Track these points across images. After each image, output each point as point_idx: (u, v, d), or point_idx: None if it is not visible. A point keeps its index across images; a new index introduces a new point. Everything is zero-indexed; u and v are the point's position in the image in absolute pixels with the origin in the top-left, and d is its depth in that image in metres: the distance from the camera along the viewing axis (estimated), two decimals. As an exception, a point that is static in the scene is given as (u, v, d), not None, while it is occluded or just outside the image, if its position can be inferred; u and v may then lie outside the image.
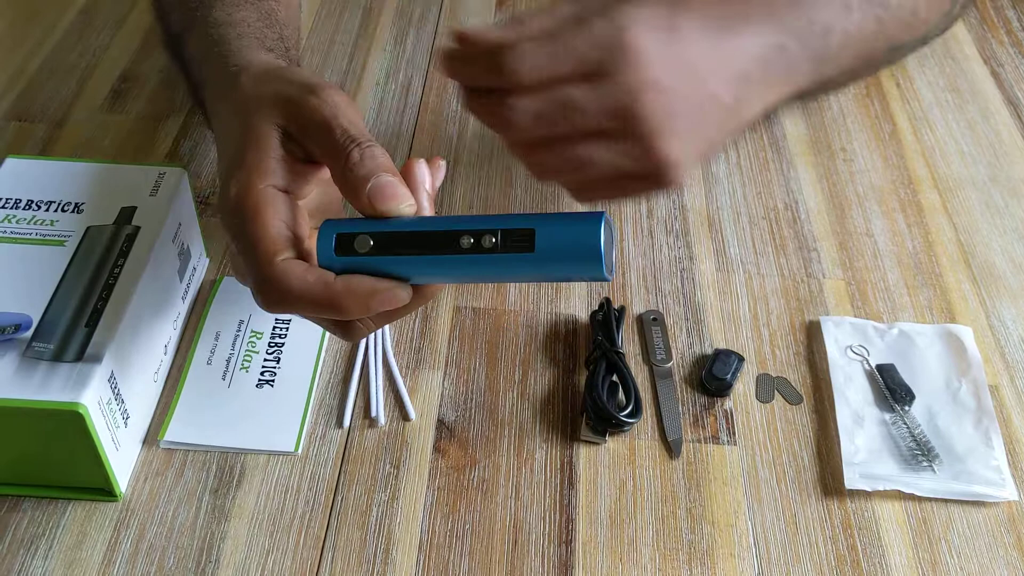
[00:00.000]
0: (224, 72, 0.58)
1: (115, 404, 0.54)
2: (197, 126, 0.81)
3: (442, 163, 0.52)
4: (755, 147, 0.82)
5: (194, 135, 0.81)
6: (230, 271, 0.70)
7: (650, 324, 0.67)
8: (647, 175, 0.51)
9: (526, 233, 0.45)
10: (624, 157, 0.51)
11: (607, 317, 0.65)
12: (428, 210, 0.49)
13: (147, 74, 0.87)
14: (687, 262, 0.72)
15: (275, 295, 0.47)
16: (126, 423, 0.56)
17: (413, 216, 0.48)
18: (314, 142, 0.49)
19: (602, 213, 0.45)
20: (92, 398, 0.51)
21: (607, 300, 0.67)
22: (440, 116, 0.84)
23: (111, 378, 0.54)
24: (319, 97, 0.49)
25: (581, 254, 0.45)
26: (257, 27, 0.63)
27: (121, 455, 0.56)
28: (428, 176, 0.50)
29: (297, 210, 0.50)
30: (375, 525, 0.56)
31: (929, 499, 0.58)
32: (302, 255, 0.48)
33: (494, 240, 0.45)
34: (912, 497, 0.58)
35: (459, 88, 0.53)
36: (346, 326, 0.50)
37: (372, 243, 0.47)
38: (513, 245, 0.45)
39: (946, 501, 0.58)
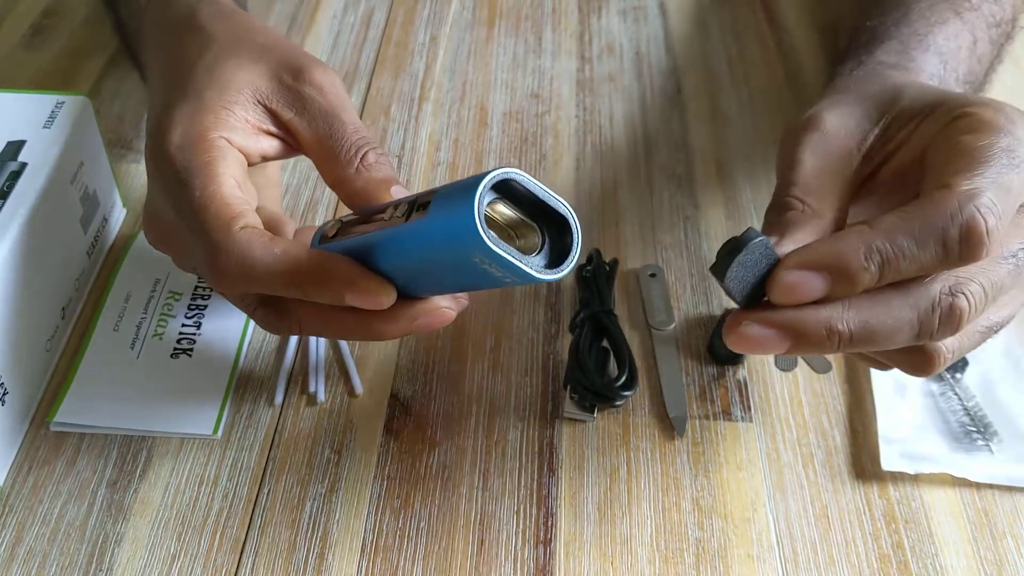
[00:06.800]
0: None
1: (-17, 376, 0.44)
2: (125, 63, 0.71)
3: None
4: (770, 82, 0.72)
5: (119, 73, 0.70)
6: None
7: (648, 281, 0.57)
8: None
9: (427, 196, 0.36)
10: None
11: (596, 272, 0.55)
12: None
13: (74, 9, 0.76)
14: (691, 210, 0.61)
15: (236, 269, 0.39)
16: (2, 400, 0.46)
17: None
18: (311, 131, 0.44)
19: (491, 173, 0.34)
20: (-56, 367, 0.41)
21: (596, 252, 0.56)
22: (405, 49, 0.73)
23: (-24, 344, 0.43)
24: (318, 83, 0.44)
25: (459, 221, 0.34)
26: None
27: (-6, 440, 0.46)
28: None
29: (247, 179, 0.43)
30: (308, 523, 0.46)
31: (988, 486, 0.48)
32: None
33: (404, 208, 0.37)
34: (968, 483, 0.48)
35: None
36: (281, 315, 0.42)
37: (339, 226, 0.41)
38: (415, 213, 0.37)
39: (1010, 489, 0.48)
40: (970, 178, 0.36)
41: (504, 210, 0.35)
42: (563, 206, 0.36)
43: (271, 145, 0.45)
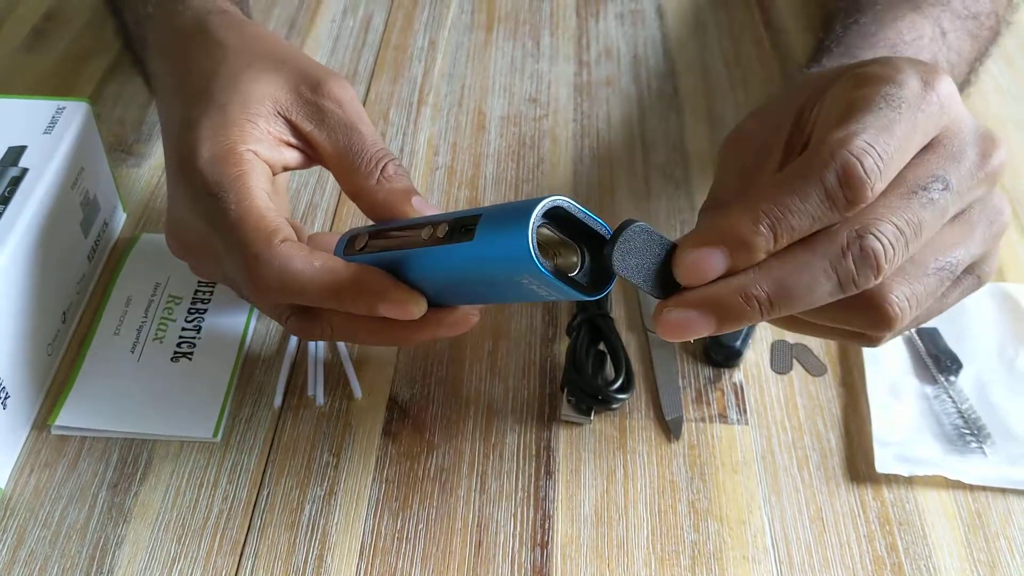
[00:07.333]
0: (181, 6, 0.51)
1: (-15, 381, 0.44)
2: (127, 68, 0.71)
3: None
4: (766, 83, 0.72)
5: (121, 78, 0.70)
6: (150, 228, 0.59)
7: (645, 284, 0.57)
8: None
9: (471, 220, 0.37)
10: None
11: (593, 275, 0.55)
12: None
13: (76, 12, 0.76)
14: (688, 213, 0.62)
15: (276, 283, 0.40)
16: (3, 404, 0.46)
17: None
18: (331, 143, 0.45)
19: (543, 200, 0.35)
20: (-54, 372, 0.41)
21: (593, 256, 0.56)
22: (404, 54, 0.73)
23: (-22, 349, 0.44)
24: (336, 97, 0.45)
25: (511, 246, 0.35)
26: None
27: (-3, 443, 0.46)
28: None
29: (274, 190, 0.44)
30: (307, 525, 0.46)
31: (982, 488, 0.48)
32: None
33: (446, 229, 0.39)
34: (961, 485, 0.48)
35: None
36: (312, 322, 0.43)
37: (368, 238, 0.42)
38: (458, 234, 0.38)
39: (1003, 490, 0.48)
40: (845, 126, 0.36)
41: (545, 231, 0.36)
42: (605, 228, 0.37)
43: (292, 156, 0.45)
